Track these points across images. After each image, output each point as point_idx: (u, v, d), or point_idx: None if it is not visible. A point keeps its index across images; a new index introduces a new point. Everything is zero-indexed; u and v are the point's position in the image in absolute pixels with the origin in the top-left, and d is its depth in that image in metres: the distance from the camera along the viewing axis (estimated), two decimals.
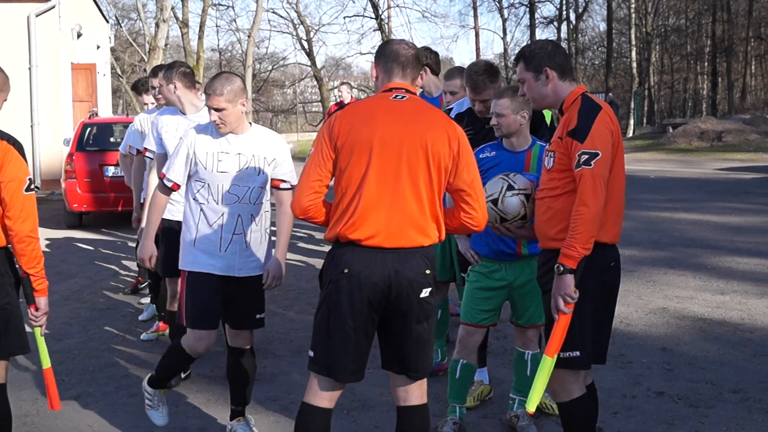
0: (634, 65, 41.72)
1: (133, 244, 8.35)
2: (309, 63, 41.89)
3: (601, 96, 30.71)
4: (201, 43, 35.33)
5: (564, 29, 45.86)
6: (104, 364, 5.75)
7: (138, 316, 6.99)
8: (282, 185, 4.24)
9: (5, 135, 3.54)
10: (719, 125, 29.23)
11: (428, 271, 3.27)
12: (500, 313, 4.45)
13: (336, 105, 12.39)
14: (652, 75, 44.92)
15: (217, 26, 44.64)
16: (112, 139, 12.65)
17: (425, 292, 3.26)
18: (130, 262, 9.41)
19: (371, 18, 39.04)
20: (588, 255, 3.30)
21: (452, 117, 4.90)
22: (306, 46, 41.02)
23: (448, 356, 5.24)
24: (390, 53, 3.37)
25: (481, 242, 4.30)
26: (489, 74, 4.70)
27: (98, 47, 23.60)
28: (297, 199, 3.31)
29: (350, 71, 52.64)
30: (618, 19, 45.01)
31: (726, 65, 42.82)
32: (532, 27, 44.08)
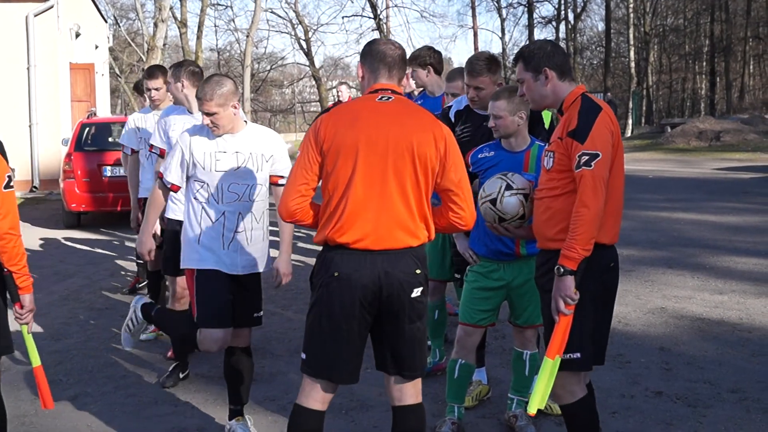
0: (633, 65, 41.72)
1: (133, 244, 8.34)
2: (307, 63, 41.86)
3: (600, 96, 30.68)
4: (199, 43, 35.34)
5: (562, 29, 45.91)
6: (103, 364, 5.74)
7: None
8: (280, 181, 4.27)
9: None
10: (717, 125, 29.25)
11: (419, 271, 3.27)
12: (498, 313, 4.45)
13: (334, 105, 12.39)
14: (651, 75, 44.94)
15: (216, 26, 44.49)
16: (111, 139, 12.63)
17: (416, 292, 3.27)
18: (129, 262, 9.41)
19: (370, 18, 39.00)
20: (588, 256, 3.30)
21: (451, 114, 4.90)
22: (304, 46, 40.99)
23: (447, 356, 5.24)
24: (376, 53, 3.36)
25: (480, 242, 4.30)
26: (488, 62, 4.69)
27: (97, 47, 23.58)
28: (284, 203, 3.32)
29: (349, 71, 52.58)
30: (616, 19, 45.03)
31: (724, 65, 42.87)
32: (531, 27, 44.12)
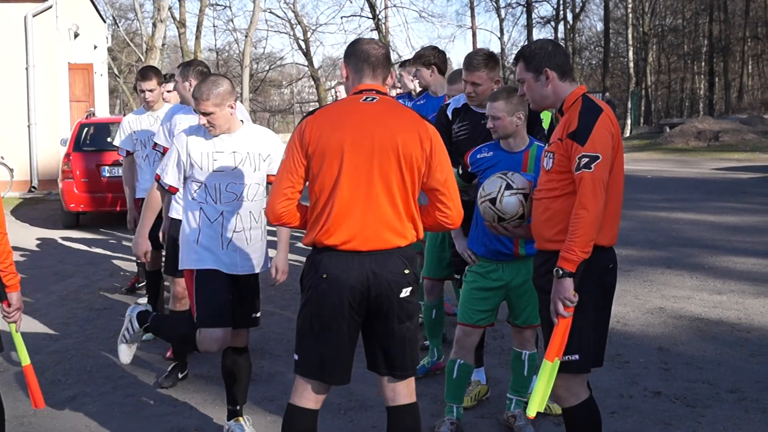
0: (631, 65, 41.72)
1: (131, 244, 8.35)
2: (306, 63, 41.89)
3: (598, 96, 30.70)
4: (198, 43, 35.36)
5: (561, 29, 45.90)
6: (101, 365, 5.74)
7: None
8: None
9: None
10: (716, 125, 29.27)
11: (407, 271, 3.28)
12: (497, 313, 4.45)
13: None
14: (649, 75, 44.96)
15: (215, 26, 44.50)
16: (109, 139, 12.58)
17: (405, 292, 3.27)
18: (128, 262, 9.41)
19: (368, 18, 39.04)
20: (587, 258, 3.29)
21: (449, 111, 4.90)
22: (303, 46, 41.01)
23: (445, 355, 5.24)
24: (360, 53, 3.35)
25: (479, 242, 4.31)
26: (486, 58, 4.69)
27: (95, 47, 23.56)
28: (270, 207, 3.32)
29: None
30: (615, 19, 45.04)
31: (723, 65, 42.90)
32: (529, 27, 44.12)
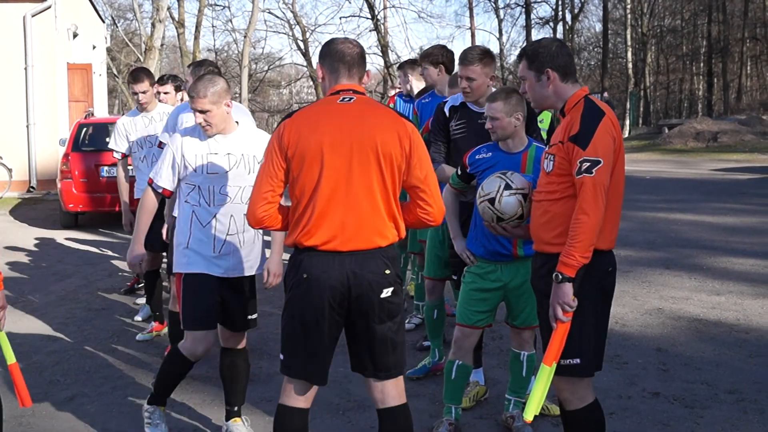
0: (630, 66, 41.74)
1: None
2: (305, 63, 41.85)
3: (597, 96, 30.73)
4: (197, 44, 35.34)
5: (560, 30, 45.86)
6: (100, 365, 5.74)
7: (134, 317, 6.99)
8: None
9: None
10: (715, 126, 29.29)
11: (388, 271, 3.27)
12: (496, 314, 4.45)
13: None
14: (648, 75, 44.98)
15: (213, 26, 44.59)
16: (108, 140, 12.60)
17: (386, 292, 3.26)
18: (126, 263, 9.39)
19: (367, 18, 38.93)
20: (586, 263, 3.27)
21: (446, 108, 4.91)
22: (302, 47, 40.98)
23: (446, 356, 5.24)
24: (335, 53, 3.35)
25: (477, 243, 4.30)
26: (481, 54, 4.72)
27: (94, 47, 23.55)
28: (251, 211, 3.32)
29: None
30: (614, 20, 45.06)
31: (722, 66, 42.92)
32: (528, 27, 44.10)
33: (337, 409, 4.80)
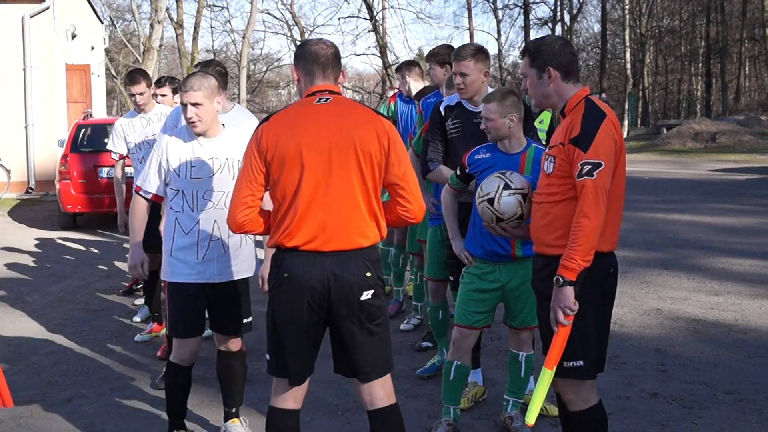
0: (629, 66, 41.79)
1: (128, 246, 8.34)
2: None
3: (595, 96, 30.73)
4: (195, 44, 35.33)
5: (558, 30, 45.84)
6: (98, 366, 5.74)
7: (132, 318, 6.99)
8: None
9: None
10: (713, 126, 29.33)
11: (369, 274, 3.27)
12: (494, 315, 4.45)
13: None
14: (647, 76, 45.01)
15: (212, 27, 44.50)
16: (107, 140, 12.59)
17: (366, 295, 3.26)
18: (125, 264, 9.39)
19: (366, 19, 38.95)
20: (588, 267, 3.25)
21: (441, 108, 4.91)
22: None
23: None
24: (309, 55, 3.35)
25: (476, 243, 4.30)
26: (475, 50, 4.74)
27: (93, 48, 23.55)
28: (231, 216, 3.32)
29: (345, 72, 52.57)
30: (612, 21, 45.11)
31: (720, 66, 42.96)
32: (527, 28, 44.14)
33: (336, 410, 4.80)
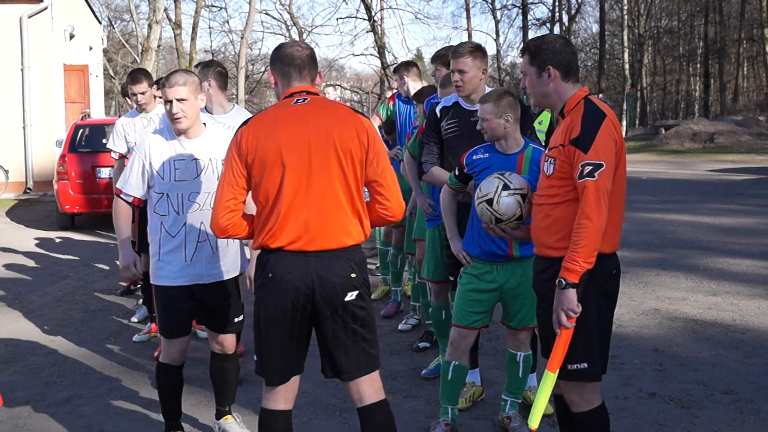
0: (627, 67, 41.81)
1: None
2: None
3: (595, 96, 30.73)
4: (194, 45, 35.27)
5: (557, 31, 45.84)
6: (97, 366, 5.73)
7: (130, 318, 6.98)
8: None
9: None
10: (711, 127, 29.35)
11: (354, 275, 3.28)
12: (492, 315, 4.45)
13: None
14: (645, 76, 45.04)
15: (210, 27, 44.63)
16: (105, 141, 12.59)
17: (350, 296, 3.27)
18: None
19: (364, 19, 38.87)
20: (590, 269, 3.24)
21: (438, 109, 4.91)
22: None
23: None
24: (285, 57, 3.37)
25: (474, 244, 4.30)
26: (473, 47, 4.75)
27: (91, 48, 23.53)
28: (214, 221, 3.32)
29: (343, 73, 52.62)
30: (611, 21, 45.11)
31: (718, 67, 42.99)
32: (525, 28, 44.14)
33: (333, 410, 4.80)
